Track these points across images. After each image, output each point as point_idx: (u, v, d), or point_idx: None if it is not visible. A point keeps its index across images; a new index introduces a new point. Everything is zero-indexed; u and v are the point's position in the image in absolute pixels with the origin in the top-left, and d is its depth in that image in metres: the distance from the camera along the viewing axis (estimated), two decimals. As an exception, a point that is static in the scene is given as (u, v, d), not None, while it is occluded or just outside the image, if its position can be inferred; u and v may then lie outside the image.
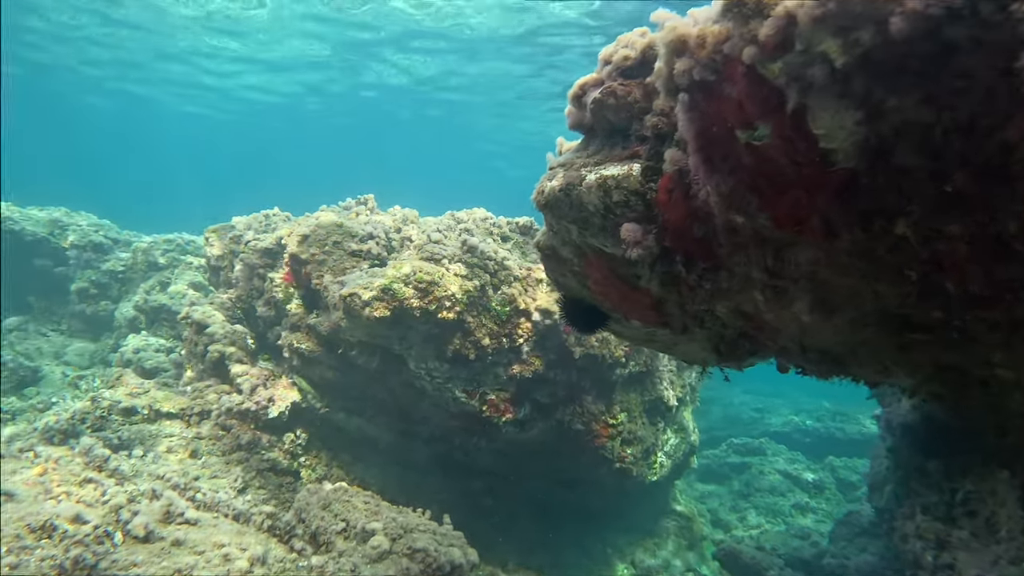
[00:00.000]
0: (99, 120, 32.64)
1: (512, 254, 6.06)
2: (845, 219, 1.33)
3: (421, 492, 7.54)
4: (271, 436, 6.66)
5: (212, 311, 7.17)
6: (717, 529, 12.29)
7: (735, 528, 12.68)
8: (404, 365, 5.85)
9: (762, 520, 12.76)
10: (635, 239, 1.94)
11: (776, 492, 13.66)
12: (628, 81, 1.92)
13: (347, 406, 6.87)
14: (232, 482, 5.79)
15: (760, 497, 13.41)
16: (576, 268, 2.50)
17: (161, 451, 5.96)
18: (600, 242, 2.18)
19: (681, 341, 2.79)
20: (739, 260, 1.80)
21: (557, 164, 2.25)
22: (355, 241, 6.31)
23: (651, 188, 1.91)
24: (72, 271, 12.26)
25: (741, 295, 1.90)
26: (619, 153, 2.03)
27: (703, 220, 1.79)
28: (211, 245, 8.49)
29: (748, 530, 12.59)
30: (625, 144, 2.04)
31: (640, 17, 12.01)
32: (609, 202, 1.98)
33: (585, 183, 2.02)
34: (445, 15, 14.07)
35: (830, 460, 14.32)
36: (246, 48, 18.16)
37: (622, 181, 1.93)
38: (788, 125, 1.26)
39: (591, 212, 2.08)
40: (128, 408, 6.25)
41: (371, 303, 5.09)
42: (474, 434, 6.58)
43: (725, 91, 1.33)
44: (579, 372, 6.56)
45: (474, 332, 5.45)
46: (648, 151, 1.92)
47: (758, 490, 13.70)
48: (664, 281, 2.10)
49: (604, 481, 7.56)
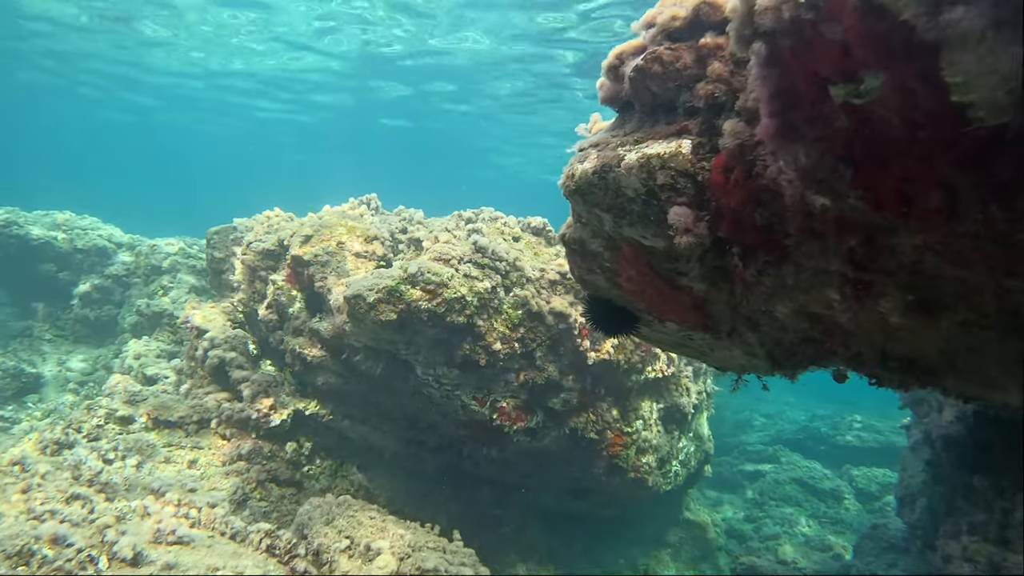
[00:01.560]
0: (102, 123, 32.83)
1: (524, 254, 5.78)
2: (977, 194, 1.05)
3: (429, 502, 7.29)
4: (273, 445, 6.40)
5: (212, 315, 6.94)
6: (731, 540, 11.92)
7: (750, 539, 12.30)
8: (411, 371, 5.58)
9: (778, 530, 12.38)
10: (685, 225, 1.66)
11: (792, 501, 13.28)
12: (677, 45, 1.65)
13: (352, 413, 6.60)
14: (231, 494, 5.53)
15: (775, 507, 13.03)
16: (607, 263, 2.22)
17: (158, 462, 5.71)
18: (638, 232, 1.91)
19: (720, 346, 2.51)
20: (811, 251, 1.52)
21: (588, 144, 1.98)
22: (360, 241, 6.07)
23: (703, 168, 1.63)
24: (76, 275, 12.12)
25: (809, 293, 1.62)
26: (663, 129, 1.76)
27: (767, 204, 1.51)
28: (212, 247, 8.28)
29: (765, 541, 12.20)
30: (670, 118, 1.77)
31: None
32: (653, 185, 1.71)
33: (624, 164, 1.75)
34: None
35: (847, 468, 13.91)
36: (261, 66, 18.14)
37: (669, 160, 1.65)
38: (911, 73, 0.98)
39: (630, 198, 1.80)
40: (125, 417, 6.01)
41: (376, 306, 4.83)
42: (484, 443, 6.29)
43: (824, 33, 1.06)
44: (594, 378, 6.27)
45: (485, 336, 5.18)
46: (700, 125, 1.64)
47: (773, 499, 13.32)
48: (713, 277, 1.82)
49: (617, 491, 7.26)
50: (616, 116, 2.05)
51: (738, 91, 1.52)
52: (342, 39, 15.56)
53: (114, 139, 41.76)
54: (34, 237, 11.61)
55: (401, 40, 15.13)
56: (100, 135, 39.93)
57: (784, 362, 1.92)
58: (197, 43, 17.01)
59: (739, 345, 2.13)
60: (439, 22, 13.56)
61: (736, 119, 1.50)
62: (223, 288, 8.37)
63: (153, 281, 11.67)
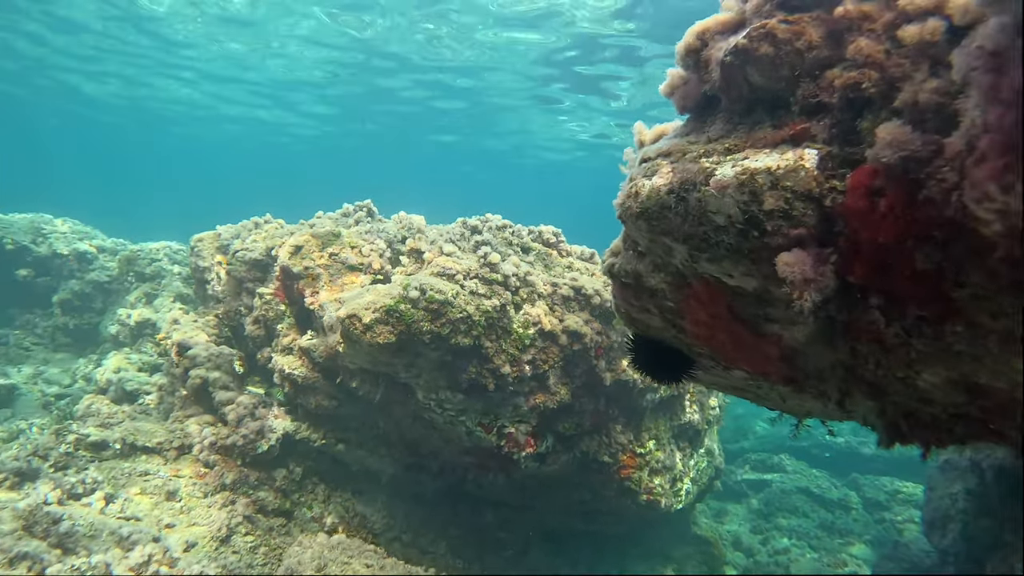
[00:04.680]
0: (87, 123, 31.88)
1: (535, 268, 5.32)
2: None
3: (429, 528, 6.85)
4: (260, 473, 5.90)
5: (195, 330, 6.42)
6: (738, 553, 11.54)
7: (758, 553, 11.95)
8: (411, 395, 5.11)
9: (787, 543, 12.02)
10: (803, 274, 1.20)
11: (799, 512, 12.96)
12: (796, 16, 1.19)
13: (347, 437, 6.11)
14: (214, 531, 5.02)
15: (782, 517, 12.70)
16: (668, 303, 1.76)
17: (133, 493, 5.19)
18: (723, 269, 1.45)
19: (800, 399, 2.06)
20: (1001, 308, 1.06)
21: (656, 152, 1.52)
22: (355, 253, 5.58)
23: (834, 189, 1.18)
24: (56, 281, 11.53)
25: (982, 362, 1.17)
26: (768, 134, 1.30)
27: (941, 242, 1.06)
28: (197, 255, 7.75)
29: (774, 555, 11.84)
30: (777, 119, 1.31)
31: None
32: (756, 211, 1.25)
33: (715, 182, 1.29)
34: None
35: (854, 477, 13.61)
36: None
37: (784, 177, 1.20)
38: None
39: (718, 226, 1.35)
40: (98, 442, 5.49)
41: (373, 327, 4.35)
42: (490, 470, 5.83)
43: None
44: (607, 399, 5.82)
45: (493, 359, 4.71)
46: (829, 129, 1.19)
47: (779, 509, 13.00)
48: (826, 332, 1.37)
49: (627, 513, 6.86)
50: (688, 117, 1.59)
51: (897, 81, 1.07)
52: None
53: (100, 139, 40.80)
54: (10, 241, 11.01)
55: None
56: (84, 133, 38.89)
57: (915, 437, 1.48)
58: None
59: (841, 412, 1.67)
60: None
61: (897, 122, 1.05)
62: (208, 299, 7.84)
63: (137, 289, 11.09)
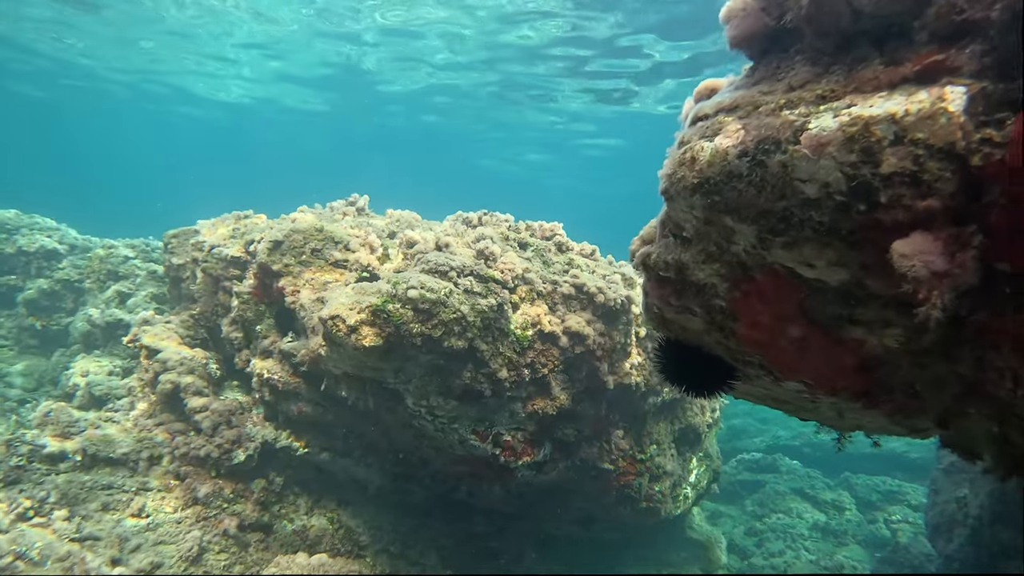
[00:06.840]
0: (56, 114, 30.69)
1: (533, 264, 4.98)
2: None
3: (418, 538, 6.49)
4: (236, 484, 5.48)
5: (167, 332, 5.98)
6: (733, 555, 11.40)
7: (753, 555, 11.86)
8: (400, 402, 4.74)
9: (782, 546, 11.95)
10: (932, 267, 0.88)
11: (793, 513, 12.94)
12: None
13: (331, 445, 5.72)
14: (184, 550, 4.61)
15: (776, 518, 12.66)
16: (718, 301, 1.44)
17: (94, 510, 4.75)
18: (805, 257, 1.12)
19: (862, 415, 1.75)
20: None
21: (714, 108, 1.18)
22: (339, 249, 5.19)
23: (989, 140, 0.86)
24: (22, 280, 10.92)
25: None
26: (879, 73, 0.97)
27: None
28: (171, 252, 7.28)
29: (769, 558, 11.74)
30: (887, 55, 0.99)
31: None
32: (869, 176, 0.93)
33: (809, 137, 0.96)
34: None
35: (847, 476, 13.66)
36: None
37: (914, 126, 0.87)
38: None
39: (808, 199, 1.02)
40: (54, 454, 5.03)
41: (358, 328, 3.98)
42: (484, 479, 5.49)
43: None
44: (609, 404, 5.51)
45: (489, 363, 4.36)
46: (981, 57, 0.86)
47: (774, 511, 12.97)
48: (948, 337, 1.05)
49: (626, 519, 6.59)
50: (753, 64, 1.27)
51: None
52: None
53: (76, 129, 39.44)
54: (-30, 238, 10.40)
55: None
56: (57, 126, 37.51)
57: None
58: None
59: (922, 433, 1.36)
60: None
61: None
62: (183, 299, 7.37)
63: (109, 287, 10.53)
